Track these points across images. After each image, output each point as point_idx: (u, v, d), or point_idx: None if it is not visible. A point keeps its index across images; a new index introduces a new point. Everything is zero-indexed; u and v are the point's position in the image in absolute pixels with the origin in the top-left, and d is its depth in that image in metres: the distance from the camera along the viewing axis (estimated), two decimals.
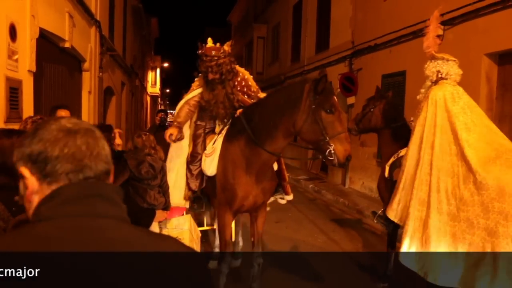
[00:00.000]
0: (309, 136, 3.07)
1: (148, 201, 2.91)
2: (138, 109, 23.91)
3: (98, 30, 9.06)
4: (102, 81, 9.82)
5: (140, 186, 2.89)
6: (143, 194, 2.89)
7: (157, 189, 3.02)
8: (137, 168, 2.85)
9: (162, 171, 3.10)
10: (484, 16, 6.00)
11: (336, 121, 2.99)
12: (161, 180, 3.07)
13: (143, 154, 2.94)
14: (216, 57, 3.63)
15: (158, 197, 2.99)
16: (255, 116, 3.32)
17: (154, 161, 2.95)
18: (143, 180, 2.90)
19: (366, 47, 9.59)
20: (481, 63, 6.10)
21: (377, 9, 9.23)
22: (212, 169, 3.48)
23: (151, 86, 34.71)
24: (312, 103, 2.96)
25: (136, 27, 19.47)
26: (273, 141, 3.20)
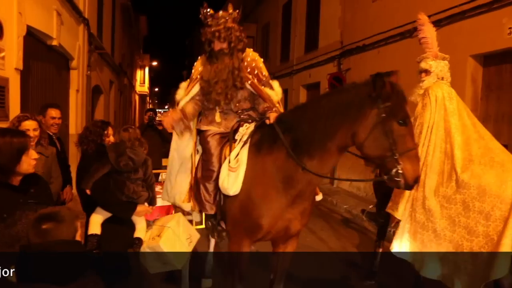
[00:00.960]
0: (373, 151, 2.48)
1: (126, 194, 2.84)
2: (127, 108, 23.73)
3: (86, 28, 8.99)
4: (90, 79, 9.74)
5: (119, 179, 2.85)
6: (122, 187, 2.84)
7: (140, 183, 2.95)
8: (116, 160, 2.81)
9: (145, 165, 2.99)
10: (470, 18, 6.12)
11: (408, 135, 2.46)
12: (145, 174, 2.97)
13: (124, 147, 2.88)
14: (224, 19, 3.03)
15: (139, 190, 2.91)
16: (298, 124, 2.65)
17: (134, 154, 2.87)
18: (123, 173, 2.84)
19: (354, 48, 9.69)
20: (467, 64, 6.22)
21: (366, 10, 9.33)
22: (237, 187, 2.78)
23: (140, 84, 34.47)
24: (382, 110, 2.39)
25: (124, 25, 19.32)
26: (324, 157, 2.58)
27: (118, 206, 2.88)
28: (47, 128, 3.84)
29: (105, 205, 2.88)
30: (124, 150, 2.86)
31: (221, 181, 2.87)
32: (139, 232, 2.95)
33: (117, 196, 2.85)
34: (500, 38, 5.54)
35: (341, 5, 10.61)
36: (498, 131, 5.91)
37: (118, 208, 2.89)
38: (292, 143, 2.65)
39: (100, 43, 10.89)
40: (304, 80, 12.88)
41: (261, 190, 2.77)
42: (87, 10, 8.99)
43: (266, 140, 2.85)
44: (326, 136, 2.52)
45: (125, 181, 2.87)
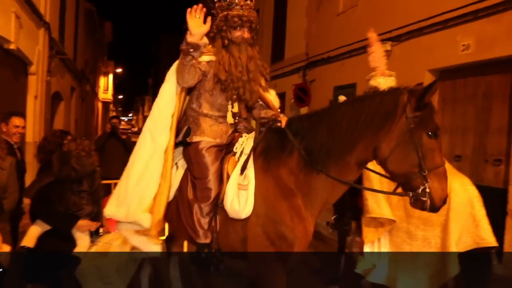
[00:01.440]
0: (398, 167, 2.19)
1: (65, 206, 2.73)
2: (89, 116, 23.05)
3: (47, 32, 8.69)
4: (50, 85, 9.41)
5: (60, 189, 2.76)
6: (61, 197, 2.75)
7: (84, 196, 2.84)
8: (59, 169, 2.74)
9: (91, 177, 2.92)
10: (427, 35, 6.42)
11: (437, 150, 2.18)
12: (90, 186, 2.88)
13: (69, 156, 2.80)
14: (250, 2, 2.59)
15: (81, 204, 2.81)
16: (313, 132, 2.35)
17: (79, 165, 2.78)
18: (65, 183, 2.77)
19: (319, 59, 9.91)
20: (424, 78, 6.49)
21: (330, 23, 9.58)
22: (249, 208, 2.35)
23: (103, 92, 33.62)
24: (411, 121, 2.12)
25: (88, 31, 18.85)
26: (342, 172, 2.29)
27: (56, 218, 2.74)
28: (8, 136, 3.65)
29: (42, 215, 2.75)
30: (68, 160, 2.76)
31: (228, 203, 2.41)
32: (80, 250, 2.80)
33: (56, 207, 2.73)
34: (455, 54, 5.84)
35: (306, 17, 10.85)
36: (453, 143, 6.20)
37: (56, 219, 2.75)
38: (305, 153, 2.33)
39: (61, 48, 10.56)
40: None
41: (286, 204, 2.35)
42: (49, 13, 8.71)
43: (275, 149, 2.46)
44: (346, 148, 2.23)
45: (65, 192, 2.77)
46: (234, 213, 2.40)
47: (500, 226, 5.12)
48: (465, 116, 6.02)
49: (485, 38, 5.40)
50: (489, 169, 5.58)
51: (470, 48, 5.61)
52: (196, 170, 2.57)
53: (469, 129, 5.92)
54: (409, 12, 6.81)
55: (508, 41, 5.11)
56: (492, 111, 5.58)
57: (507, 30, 5.12)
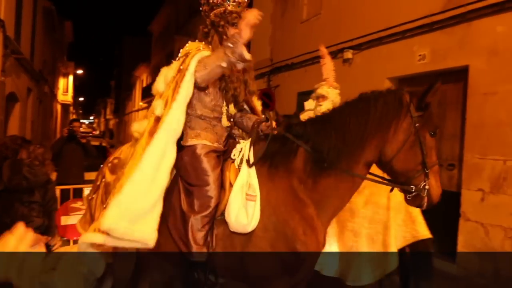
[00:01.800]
0: (403, 166, 2.20)
1: (12, 217, 2.54)
2: (47, 118, 22.16)
3: (1, 30, 8.30)
4: (5, 85, 8.98)
5: (8, 199, 2.60)
6: (9, 208, 2.58)
7: (35, 208, 2.68)
8: (9, 178, 2.58)
9: (44, 188, 2.75)
10: (386, 44, 6.67)
11: (434, 148, 2.23)
12: (43, 197, 2.72)
13: (21, 165, 2.66)
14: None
15: (31, 216, 2.64)
16: (319, 136, 2.25)
17: (32, 174, 2.64)
18: (14, 192, 2.61)
19: (283, 65, 10.04)
20: (384, 85, 6.68)
21: (294, 30, 9.74)
22: (256, 220, 2.16)
23: (63, 93, 32.48)
24: (416, 121, 2.15)
25: (47, 30, 18.16)
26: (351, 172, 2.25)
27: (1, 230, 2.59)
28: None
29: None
30: (20, 169, 2.63)
31: (232, 215, 2.18)
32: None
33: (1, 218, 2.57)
34: (412, 64, 6.10)
35: (271, 24, 10.97)
36: None
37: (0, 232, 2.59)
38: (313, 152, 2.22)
39: (17, 47, 10.10)
40: None
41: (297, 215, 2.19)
42: (3, 11, 8.32)
43: (280, 154, 2.29)
44: (357, 148, 2.18)
45: (14, 202, 2.61)
46: (240, 227, 2.16)
47: (454, 227, 5.36)
48: None
49: (439, 49, 5.68)
50: (443, 173, 5.83)
51: (426, 58, 5.88)
52: (194, 176, 2.29)
53: None
54: (370, 22, 7.04)
55: (460, 53, 5.40)
56: (446, 118, 5.85)
57: (459, 43, 5.41)
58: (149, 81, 30.62)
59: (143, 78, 34.64)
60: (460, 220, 5.26)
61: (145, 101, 29.33)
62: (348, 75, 7.62)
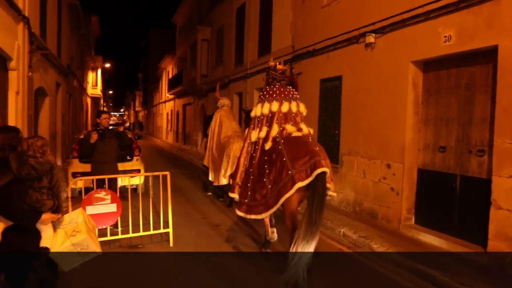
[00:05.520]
0: None
1: (29, 203, 2.87)
2: (77, 111, 22.80)
3: (26, 27, 8.50)
4: (32, 81, 9.23)
5: (21, 188, 2.87)
6: (24, 195, 2.86)
7: (45, 191, 2.99)
8: (18, 169, 2.83)
9: (50, 173, 3.06)
10: (410, 26, 6.38)
11: None
12: (50, 182, 3.03)
13: (26, 156, 2.91)
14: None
15: (43, 199, 2.96)
16: None
17: (38, 164, 2.91)
18: (25, 181, 2.88)
19: (305, 52, 9.84)
20: (408, 70, 6.48)
21: (315, 16, 9.51)
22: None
23: (92, 87, 33.30)
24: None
25: (73, 26, 18.56)
26: None
27: (20, 215, 2.86)
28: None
29: (7, 214, 2.85)
30: (26, 159, 2.88)
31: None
32: (46, 241, 2.98)
33: (19, 205, 2.84)
34: (437, 46, 5.82)
35: (292, 10, 10.77)
36: (437, 134, 6.21)
37: (21, 217, 2.87)
38: None
39: (43, 43, 10.35)
40: (258, 83, 12.94)
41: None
42: (28, 8, 8.51)
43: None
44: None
45: (27, 190, 2.88)
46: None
47: (485, 216, 5.15)
48: (448, 107, 6.02)
49: (466, 29, 5.38)
50: (473, 159, 5.60)
51: (451, 40, 5.59)
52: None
53: (453, 120, 5.93)
54: (392, 3, 6.76)
55: (488, 32, 5.09)
56: (474, 101, 5.58)
57: (487, 21, 5.10)
58: (174, 72, 30.89)
59: (169, 69, 34.98)
60: (491, 208, 5.03)
61: (172, 92, 29.61)
62: (371, 60, 7.39)
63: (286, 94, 5.15)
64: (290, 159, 4.42)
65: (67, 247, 2.99)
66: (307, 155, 4.36)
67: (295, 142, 4.66)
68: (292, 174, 4.33)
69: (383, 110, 7.05)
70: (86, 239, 3.05)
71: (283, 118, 4.97)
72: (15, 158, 2.87)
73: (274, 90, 5.20)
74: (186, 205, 8.64)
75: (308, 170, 4.29)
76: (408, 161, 6.55)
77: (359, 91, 7.74)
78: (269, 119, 5.04)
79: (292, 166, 4.37)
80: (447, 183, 5.94)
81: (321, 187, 4.22)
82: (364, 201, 7.52)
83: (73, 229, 3.09)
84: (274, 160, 4.62)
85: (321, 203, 4.16)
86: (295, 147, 4.56)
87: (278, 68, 5.39)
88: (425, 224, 6.34)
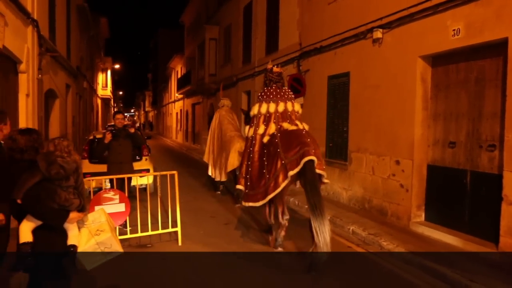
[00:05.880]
0: None
1: (58, 202, 2.90)
2: (88, 112, 23.02)
3: (35, 30, 8.60)
4: (42, 83, 9.34)
5: (50, 187, 2.90)
6: (53, 195, 2.89)
7: (71, 191, 3.02)
8: (47, 169, 2.86)
9: (76, 173, 3.08)
10: (418, 21, 6.29)
11: None
12: (76, 181, 3.06)
13: (54, 156, 2.94)
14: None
15: (71, 198, 2.98)
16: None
17: (65, 163, 2.94)
18: (54, 180, 2.90)
19: (312, 49, 9.79)
20: (416, 64, 6.39)
21: (322, 12, 9.45)
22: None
23: (102, 88, 33.61)
24: None
25: (82, 27, 18.74)
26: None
27: (50, 214, 2.89)
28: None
29: (37, 214, 2.87)
30: (54, 159, 2.90)
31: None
32: (72, 239, 3.01)
33: (49, 204, 2.86)
34: (446, 40, 5.73)
35: (299, 7, 10.71)
36: (447, 129, 6.12)
37: (50, 216, 2.90)
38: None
39: (52, 45, 10.46)
40: None
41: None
42: (36, 11, 8.61)
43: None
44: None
45: (56, 189, 2.90)
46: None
47: (496, 212, 5.06)
48: (458, 102, 5.93)
49: (475, 22, 5.29)
50: (484, 155, 5.51)
51: (460, 33, 5.50)
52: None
53: (463, 114, 5.84)
54: None
55: (497, 24, 5.00)
56: (484, 96, 5.49)
57: (496, 13, 5.00)
58: (183, 71, 31.00)
59: (177, 69, 35.12)
60: (503, 204, 4.95)
61: (181, 92, 29.72)
62: (379, 55, 7.31)
63: (282, 94, 5.76)
64: (284, 150, 5.03)
65: (92, 246, 3.05)
66: (298, 146, 4.95)
67: (289, 134, 5.25)
68: (285, 164, 4.95)
69: (392, 106, 6.98)
70: (110, 238, 3.11)
71: (280, 117, 5.58)
72: (43, 158, 2.91)
73: (271, 91, 5.80)
74: (195, 204, 8.67)
75: (298, 159, 4.86)
76: (418, 157, 6.47)
77: (367, 87, 7.67)
78: (267, 118, 5.66)
79: (285, 156, 4.98)
80: (457, 179, 5.86)
81: (310, 173, 4.83)
82: (373, 198, 7.46)
83: (97, 228, 3.14)
84: (272, 152, 5.22)
85: (315, 188, 4.79)
86: (288, 139, 5.14)
87: (275, 71, 5.98)
88: (435, 221, 6.27)
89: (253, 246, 5.87)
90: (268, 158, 5.28)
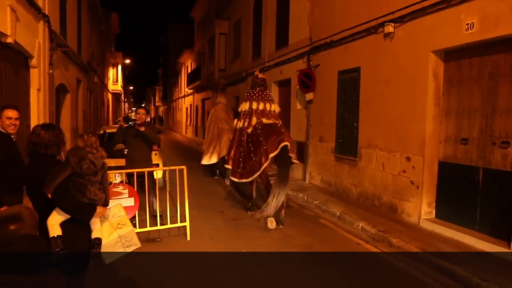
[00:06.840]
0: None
1: (88, 196, 2.97)
2: (98, 107, 23.21)
3: (46, 25, 8.66)
4: (53, 78, 9.42)
5: (80, 182, 2.95)
6: (83, 189, 2.95)
7: (98, 186, 3.08)
8: (79, 164, 2.93)
9: (103, 168, 3.14)
10: (431, 14, 6.17)
11: None
12: (102, 177, 3.12)
13: (85, 151, 3.04)
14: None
15: (99, 193, 3.05)
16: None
17: (95, 159, 3.03)
18: (84, 175, 2.96)
19: (323, 44, 9.69)
20: (428, 59, 6.29)
21: (332, 6, 9.34)
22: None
23: (113, 83, 33.85)
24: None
25: (93, 23, 18.84)
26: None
27: (80, 208, 2.95)
28: (4, 128, 3.92)
29: (67, 208, 2.91)
30: (85, 155, 2.98)
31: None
32: (97, 233, 3.09)
33: (79, 199, 2.92)
34: (459, 34, 5.62)
35: (309, 2, 10.60)
36: (459, 125, 6.02)
37: (80, 210, 2.96)
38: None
39: (63, 41, 10.53)
40: (276, 76, 12.86)
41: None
42: (47, 6, 8.67)
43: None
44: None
45: (86, 184, 2.96)
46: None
47: (509, 210, 4.98)
48: (471, 98, 5.82)
49: (489, 16, 5.17)
50: (497, 151, 5.41)
51: (474, 27, 5.38)
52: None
53: (476, 111, 5.73)
54: None
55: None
56: (498, 91, 5.38)
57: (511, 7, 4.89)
58: (193, 67, 31.03)
59: (187, 64, 35.17)
60: None
61: (191, 87, 29.77)
62: (390, 50, 7.21)
63: (263, 96, 7.47)
64: (264, 138, 6.63)
65: (114, 239, 3.14)
66: (275, 135, 6.54)
67: (268, 126, 6.87)
68: (266, 148, 6.53)
69: (403, 102, 6.88)
70: (131, 232, 3.21)
71: (261, 114, 7.23)
72: (74, 153, 2.98)
73: (255, 93, 7.50)
74: (203, 198, 8.69)
75: (276, 145, 6.43)
76: (429, 154, 6.38)
77: (378, 83, 7.58)
78: (250, 114, 7.30)
79: (265, 142, 6.57)
80: (469, 176, 5.76)
81: (285, 154, 6.44)
82: (383, 194, 7.39)
83: (118, 222, 3.23)
84: (255, 140, 6.83)
85: (287, 166, 6.48)
86: (268, 130, 6.74)
87: (260, 77, 7.73)
88: (446, 218, 6.18)
89: (261, 242, 5.86)
90: (253, 145, 6.86)
